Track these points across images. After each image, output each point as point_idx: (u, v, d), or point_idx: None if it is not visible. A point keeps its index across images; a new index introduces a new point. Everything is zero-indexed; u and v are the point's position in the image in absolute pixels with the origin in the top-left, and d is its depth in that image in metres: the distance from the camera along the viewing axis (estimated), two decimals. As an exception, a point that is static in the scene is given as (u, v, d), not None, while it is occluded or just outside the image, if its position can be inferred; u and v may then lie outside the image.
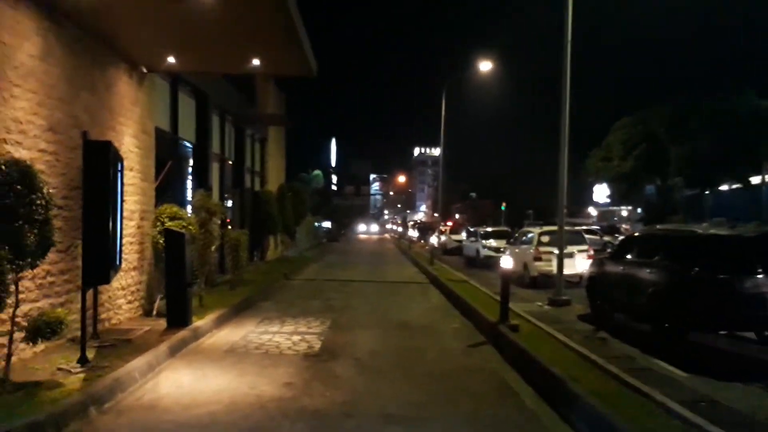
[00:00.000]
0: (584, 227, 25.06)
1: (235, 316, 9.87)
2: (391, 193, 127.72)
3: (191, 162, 12.41)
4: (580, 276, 12.81)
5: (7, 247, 5.00)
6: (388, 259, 27.34)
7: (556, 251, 10.86)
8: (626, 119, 30.69)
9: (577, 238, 14.79)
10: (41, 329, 5.25)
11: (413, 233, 42.16)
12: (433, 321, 9.93)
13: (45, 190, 5.39)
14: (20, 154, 5.80)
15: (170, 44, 8.11)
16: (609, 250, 14.24)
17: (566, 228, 11.49)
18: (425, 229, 39.61)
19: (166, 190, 10.16)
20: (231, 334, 8.47)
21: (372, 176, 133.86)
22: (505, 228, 25.01)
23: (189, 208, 10.94)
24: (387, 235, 64.18)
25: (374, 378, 6.28)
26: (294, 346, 7.76)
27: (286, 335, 8.43)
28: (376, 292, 13.94)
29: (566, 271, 10.97)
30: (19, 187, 5.12)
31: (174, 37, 7.83)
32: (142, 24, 7.27)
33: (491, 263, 18.71)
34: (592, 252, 14.39)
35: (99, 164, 5.75)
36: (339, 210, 64.10)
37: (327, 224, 46.46)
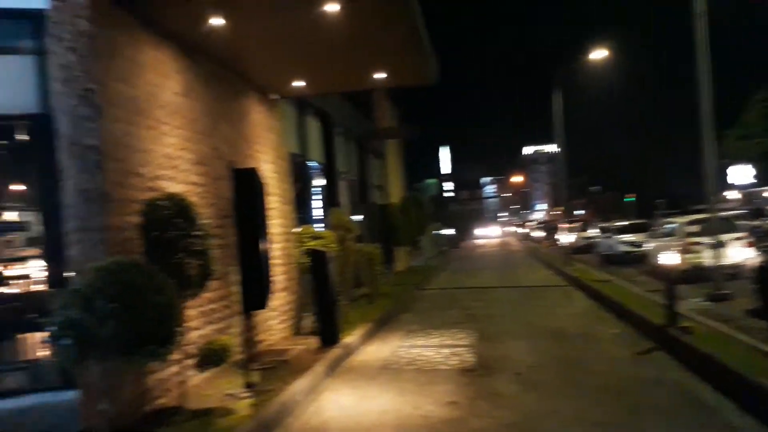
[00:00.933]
0: (733, 212, 22.64)
1: (379, 330, 9.78)
2: (506, 194, 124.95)
3: (314, 182, 12.65)
4: (737, 266, 11.42)
5: (173, 279, 5.17)
6: (515, 262, 26.43)
7: (707, 241, 9.77)
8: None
9: (728, 226, 13.28)
10: (209, 357, 5.36)
11: (537, 233, 40.62)
12: (587, 327, 9.21)
13: (201, 221, 5.54)
14: (174, 188, 6.02)
15: (297, 70, 8.23)
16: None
17: (715, 215, 10.30)
18: (550, 228, 38.01)
19: (296, 210, 10.35)
20: (380, 350, 8.35)
21: (484, 179, 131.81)
22: (643, 220, 23.22)
23: (315, 226, 11.11)
24: (508, 238, 62.56)
25: (542, 395, 5.80)
26: (446, 360, 7.46)
27: (435, 348, 8.16)
28: (515, 298, 13.34)
29: (721, 262, 9.82)
30: (177, 220, 5.29)
31: (301, 63, 7.92)
32: (270, 53, 7.40)
33: (629, 259, 17.41)
34: (750, 239, 12.87)
35: (247, 190, 5.83)
36: (456, 216, 63.52)
37: (446, 231, 46.04)
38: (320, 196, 12.63)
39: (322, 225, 11.62)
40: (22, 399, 5.94)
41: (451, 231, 49.67)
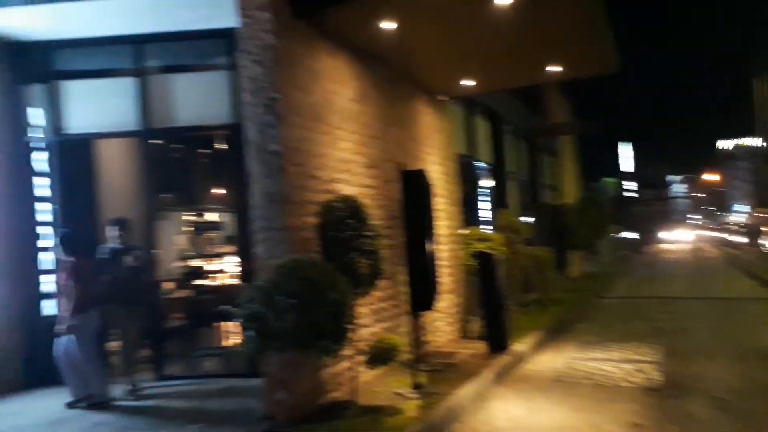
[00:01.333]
0: None
1: (552, 339, 9.31)
2: (698, 194, 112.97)
3: (482, 182, 12.43)
4: None
5: (346, 277, 5.36)
6: (710, 270, 23.64)
7: None
8: None
9: None
10: (379, 355, 5.47)
11: (737, 237, 36.00)
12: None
13: (372, 222, 5.68)
14: (348, 190, 6.26)
15: (467, 69, 8.14)
16: None
17: None
18: (754, 231, 33.46)
19: (464, 212, 10.24)
20: (552, 360, 7.93)
21: (672, 177, 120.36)
22: None
23: (483, 228, 10.89)
24: (700, 242, 56.41)
25: (748, 425, 5.03)
26: (629, 377, 6.84)
27: (614, 363, 7.53)
28: (710, 310, 11.90)
29: None
30: (350, 221, 5.47)
31: (471, 61, 7.81)
32: (441, 54, 7.40)
33: None
34: None
35: (415, 192, 5.86)
36: (639, 218, 58.72)
37: (628, 235, 42.74)
38: (488, 197, 12.41)
39: (490, 227, 11.39)
40: (216, 381, 6.62)
41: (634, 234, 46.02)
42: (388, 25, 6.24)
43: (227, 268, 9.15)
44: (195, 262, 9.65)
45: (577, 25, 6.82)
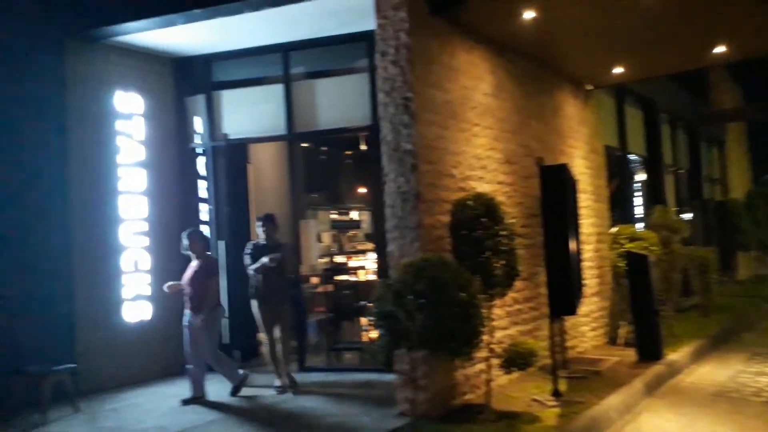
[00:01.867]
0: None
1: (715, 349, 8.41)
2: None
3: (635, 177, 11.52)
4: None
5: (479, 278, 5.23)
6: None
7: None
8: None
9: None
10: (514, 359, 5.27)
11: None
12: None
13: (507, 221, 5.48)
14: (482, 188, 6.11)
15: (617, 55, 7.59)
16: None
17: None
18: None
19: (613, 208, 9.56)
20: (715, 373, 7.15)
21: None
22: None
23: (637, 225, 10.08)
24: None
25: None
26: (808, 397, 5.98)
27: (791, 380, 6.62)
28: None
29: None
30: (484, 219, 5.33)
31: (622, 47, 7.27)
32: (587, 42, 6.97)
33: None
34: None
35: (556, 188, 5.55)
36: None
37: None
38: (641, 193, 11.50)
39: (643, 225, 10.54)
40: (354, 375, 6.83)
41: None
42: (530, 14, 5.98)
43: (368, 265, 9.42)
44: (338, 259, 10.07)
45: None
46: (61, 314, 6.39)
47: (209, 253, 6.49)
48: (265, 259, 6.13)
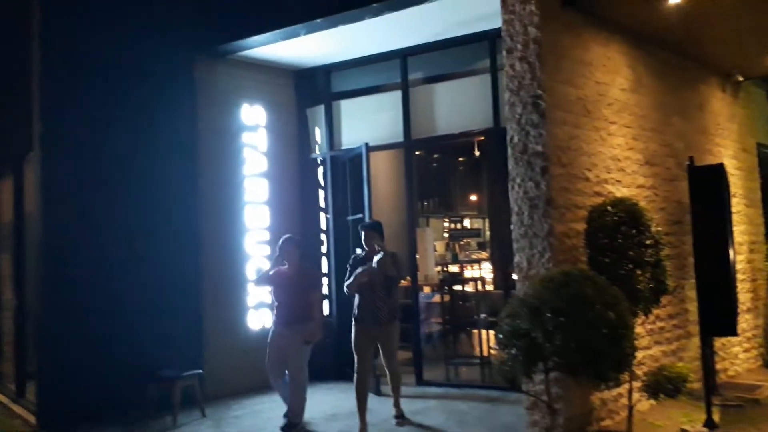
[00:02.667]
0: None
1: None
2: None
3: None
4: None
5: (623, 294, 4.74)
6: None
7: None
8: None
9: None
10: (662, 384, 4.71)
11: None
12: None
13: (653, 229, 4.94)
14: (620, 192, 5.57)
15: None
16: None
17: None
18: None
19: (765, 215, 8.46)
20: None
21: None
22: None
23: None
24: None
25: None
26: None
27: None
28: None
29: None
30: (625, 227, 4.83)
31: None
32: (739, 24, 6.16)
33: None
34: None
35: (710, 192, 4.91)
36: None
37: None
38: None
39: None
40: (473, 391, 6.47)
41: None
42: (674, 0, 5.38)
43: (484, 275, 9.04)
44: (452, 268, 9.77)
45: None
46: (191, 321, 6.62)
47: (309, 263, 5.89)
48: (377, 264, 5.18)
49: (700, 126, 7.05)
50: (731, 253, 4.74)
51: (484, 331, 7.29)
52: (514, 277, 5.22)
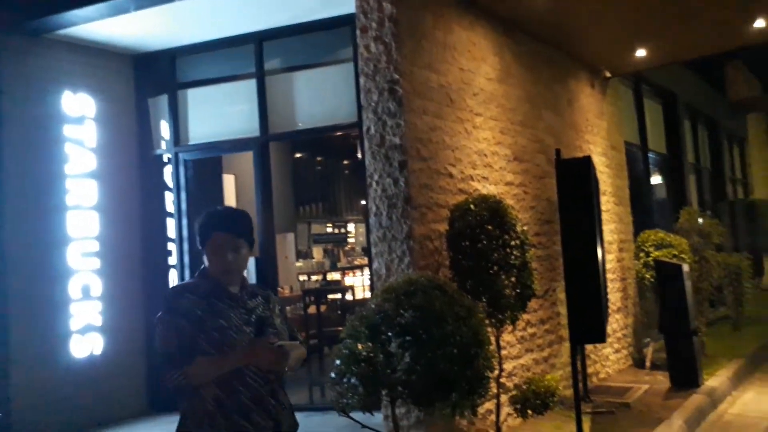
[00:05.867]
0: None
1: (756, 370, 7.38)
2: None
3: (654, 177, 10.49)
4: None
5: (485, 299, 4.26)
6: None
7: None
8: None
9: None
10: (530, 401, 4.29)
11: None
12: None
13: (519, 228, 4.51)
14: (487, 190, 5.14)
15: (641, 35, 6.61)
16: None
17: None
18: None
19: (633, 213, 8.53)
20: (760, 401, 6.17)
21: None
22: None
23: (659, 231, 9.04)
24: None
25: None
26: None
27: None
28: None
29: None
30: (489, 227, 4.36)
31: (647, 25, 6.29)
32: (608, 20, 6.00)
33: None
34: None
35: (578, 187, 4.55)
36: None
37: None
38: (664, 194, 10.48)
39: (666, 230, 9.50)
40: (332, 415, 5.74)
41: None
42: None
43: (365, 282, 8.43)
44: (331, 276, 9.08)
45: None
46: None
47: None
48: None
49: (569, 122, 6.85)
50: (596, 253, 4.40)
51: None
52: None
